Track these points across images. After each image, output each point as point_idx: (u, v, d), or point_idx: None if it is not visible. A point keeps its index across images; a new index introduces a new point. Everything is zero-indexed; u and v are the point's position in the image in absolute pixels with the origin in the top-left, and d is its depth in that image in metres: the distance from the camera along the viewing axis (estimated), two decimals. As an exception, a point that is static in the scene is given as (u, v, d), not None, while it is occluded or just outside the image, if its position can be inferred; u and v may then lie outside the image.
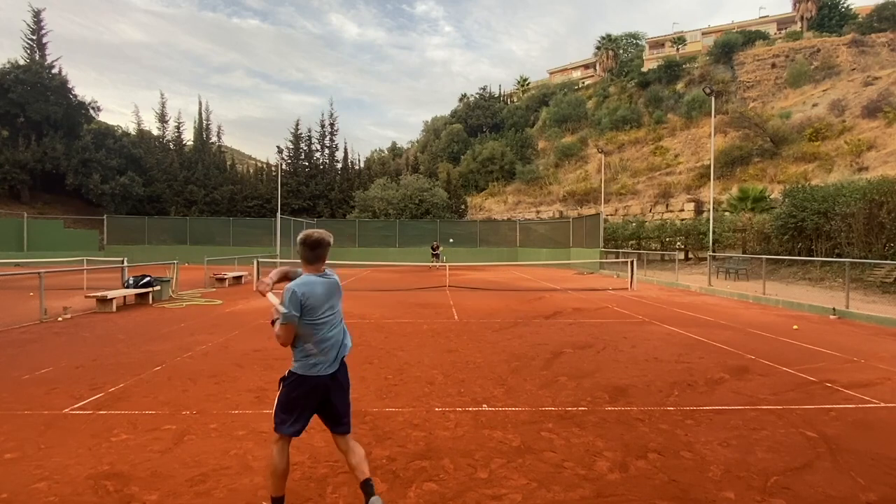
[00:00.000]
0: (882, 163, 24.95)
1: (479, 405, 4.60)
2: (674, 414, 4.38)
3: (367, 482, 2.70)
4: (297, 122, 45.16)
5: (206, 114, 44.30)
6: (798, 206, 16.99)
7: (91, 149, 36.88)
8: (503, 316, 10.04)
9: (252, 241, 29.82)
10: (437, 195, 35.74)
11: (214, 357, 6.42)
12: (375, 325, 8.90)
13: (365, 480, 2.71)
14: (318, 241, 2.74)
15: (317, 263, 2.77)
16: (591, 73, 65.94)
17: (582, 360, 6.31)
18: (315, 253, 2.75)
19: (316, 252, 2.75)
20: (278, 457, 2.66)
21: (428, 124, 69.16)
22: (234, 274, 16.75)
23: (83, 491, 2.98)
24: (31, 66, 36.02)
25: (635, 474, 3.24)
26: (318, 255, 2.76)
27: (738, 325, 8.98)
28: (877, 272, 13.46)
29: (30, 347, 6.93)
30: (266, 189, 41.55)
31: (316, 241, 2.73)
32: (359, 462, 2.75)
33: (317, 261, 2.76)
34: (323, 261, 2.80)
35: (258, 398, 4.76)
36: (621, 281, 17.83)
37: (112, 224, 30.87)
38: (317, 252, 2.75)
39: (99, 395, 4.82)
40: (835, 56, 40.99)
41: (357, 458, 2.76)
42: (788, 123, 33.69)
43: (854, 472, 3.28)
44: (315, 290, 2.67)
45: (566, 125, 51.89)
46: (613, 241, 25.63)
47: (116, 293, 10.80)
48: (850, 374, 5.74)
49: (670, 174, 36.05)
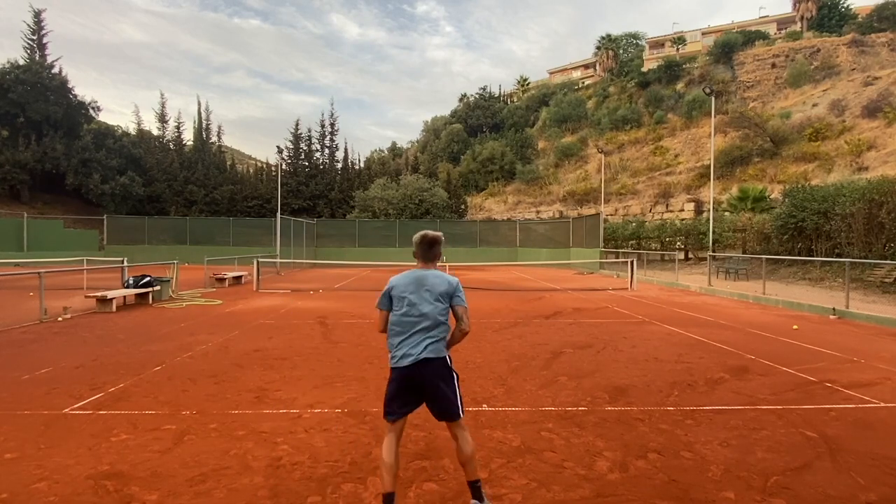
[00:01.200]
0: (882, 163, 24.95)
1: (479, 405, 4.59)
2: (674, 414, 4.38)
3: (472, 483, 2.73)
4: (296, 122, 45.16)
5: (206, 114, 44.35)
6: (798, 206, 16.99)
7: (91, 149, 36.88)
8: (503, 316, 10.04)
9: (252, 241, 29.81)
10: (437, 195, 35.74)
11: (214, 357, 6.42)
12: (375, 325, 8.90)
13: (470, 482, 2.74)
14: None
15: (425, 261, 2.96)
16: (591, 73, 65.96)
17: (582, 360, 6.31)
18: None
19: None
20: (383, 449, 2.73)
21: (428, 124, 69.16)
22: (234, 274, 16.75)
23: (83, 491, 2.98)
24: (31, 66, 36.02)
25: (635, 474, 3.24)
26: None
27: (738, 325, 8.98)
28: (877, 272, 13.46)
29: (30, 347, 6.93)
30: (266, 189, 41.54)
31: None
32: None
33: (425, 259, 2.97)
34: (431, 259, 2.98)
35: (258, 398, 4.76)
36: (621, 281, 17.83)
37: (112, 224, 30.86)
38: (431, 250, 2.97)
39: (99, 395, 4.82)
40: (835, 56, 40.99)
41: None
42: (788, 123, 33.70)
43: (854, 472, 3.28)
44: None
45: (566, 125, 51.91)
46: (613, 241, 25.63)
47: (116, 293, 10.80)
48: (850, 374, 5.74)
49: (670, 174, 36.06)
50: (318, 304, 11.98)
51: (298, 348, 6.97)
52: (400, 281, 2.87)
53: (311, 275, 21.60)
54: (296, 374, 5.64)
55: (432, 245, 2.94)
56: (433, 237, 2.94)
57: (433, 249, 2.95)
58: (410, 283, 2.85)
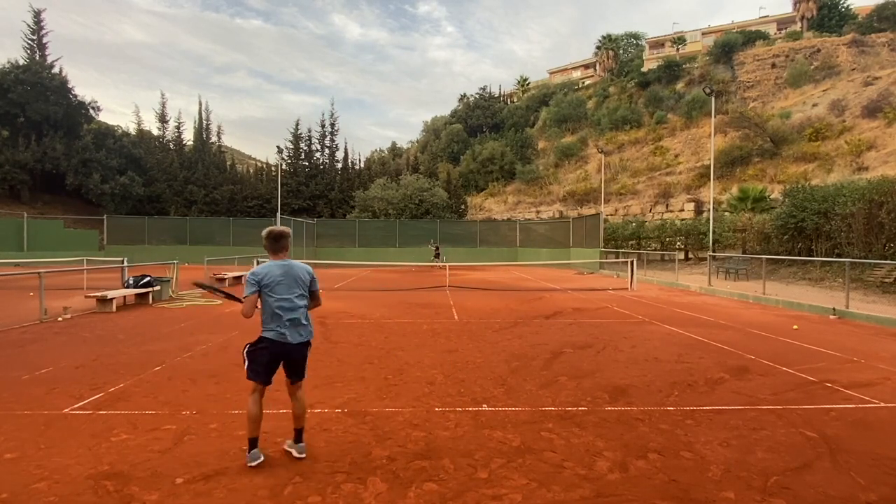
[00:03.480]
0: (882, 163, 24.95)
1: (479, 405, 4.60)
2: (674, 414, 4.38)
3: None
4: (297, 122, 45.18)
5: (207, 114, 44.35)
6: (798, 206, 16.99)
7: (91, 149, 36.88)
8: (503, 316, 10.04)
9: (252, 241, 29.68)
10: (437, 195, 35.73)
11: (214, 357, 6.43)
12: (375, 325, 8.90)
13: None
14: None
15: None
16: (591, 73, 65.95)
17: (582, 360, 6.31)
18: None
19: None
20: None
21: (428, 124, 69.20)
22: (234, 274, 16.75)
23: (83, 491, 2.98)
24: (31, 66, 36.02)
25: (635, 474, 3.24)
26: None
27: (738, 325, 8.97)
28: (877, 272, 13.45)
29: (30, 347, 6.93)
30: (266, 189, 41.54)
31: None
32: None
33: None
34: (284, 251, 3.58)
35: (258, 398, 4.76)
36: (621, 281, 17.82)
37: (112, 224, 30.85)
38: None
39: (99, 395, 4.82)
40: (835, 56, 40.99)
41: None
42: (788, 123, 33.69)
43: (854, 472, 3.28)
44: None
45: (566, 125, 51.90)
46: (613, 241, 25.63)
47: (116, 293, 10.80)
48: (850, 374, 5.74)
49: (670, 174, 36.06)
50: (318, 304, 11.96)
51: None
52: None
53: (311, 275, 21.54)
54: (296, 374, 5.64)
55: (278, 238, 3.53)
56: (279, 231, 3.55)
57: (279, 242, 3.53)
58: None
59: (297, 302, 3.43)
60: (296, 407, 3.50)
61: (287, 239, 3.55)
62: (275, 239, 3.49)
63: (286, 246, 3.54)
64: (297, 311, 3.42)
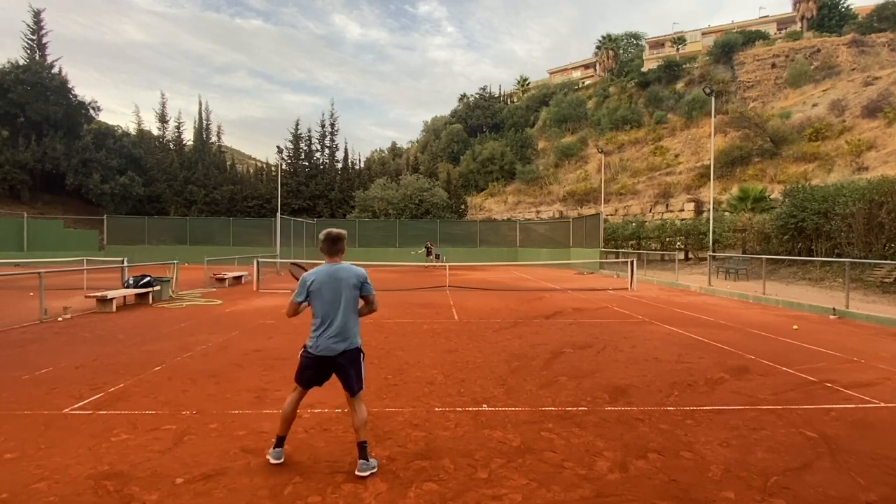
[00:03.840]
0: (882, 163, 24.95)
1: (479, 405, 4.60)
2: (674, 414, 4.38)
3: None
4: (297, 122, 45.15)
5: (206, 114, 44.31)
6: (798, 206, 16.99)
7: (91, 149, 36.87)
8: (503, 316, 10.04)
9: (252, 241, 29.80)
10: (437, 195, 35.73)
11: (214, 357, 6.43)
12: (375, 325, 8.90)
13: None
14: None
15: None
16: (591, 73, 65.93)
17: (582, 360, 6.31)
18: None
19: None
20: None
21: (428, 124, 69.18)
22: (234, 274, 16.75)
23: (83, 491, 2.98)
24: (31, 66, 35.99)
25: (635, 474, 3.24)
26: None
27: (738, 325, 8.97)
28: (877, 272, 13.45)
29: (30, 347, 6.93)
30: (266, 189, 41.52)
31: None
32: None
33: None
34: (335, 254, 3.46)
35: (258, 398, 4.76)
36: (621, 281, 17.82)
37: (112, 224, 30.85)
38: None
39: (99, 395, 4.82)
40: (835, 56, 40.98)
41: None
42: (788, 123, 33.68)
43: (854, 472, 3.28)
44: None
45: (566, 125, 51.88)
46: (613, 241, 25.63)
47: (116, 293, 10.80)
48: (850, 374, 5.74)
49: (670, 174, 36.05)
50: (318, 304, 11.96)
51: (298, 348, 6.94)
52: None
53: (311, 275, 21.54)
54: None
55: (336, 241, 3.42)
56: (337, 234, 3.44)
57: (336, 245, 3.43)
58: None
59: (337, 309, 3.27)
60: (353, 418, 3.30)
61: (343, 241, 3.44)
62: (332, 241, 3.39)
63: (342, 249, 3.43)
64: (335, 320, 3.26)
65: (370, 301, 3.41)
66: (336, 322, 3.26)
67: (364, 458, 3.20)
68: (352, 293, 3.31)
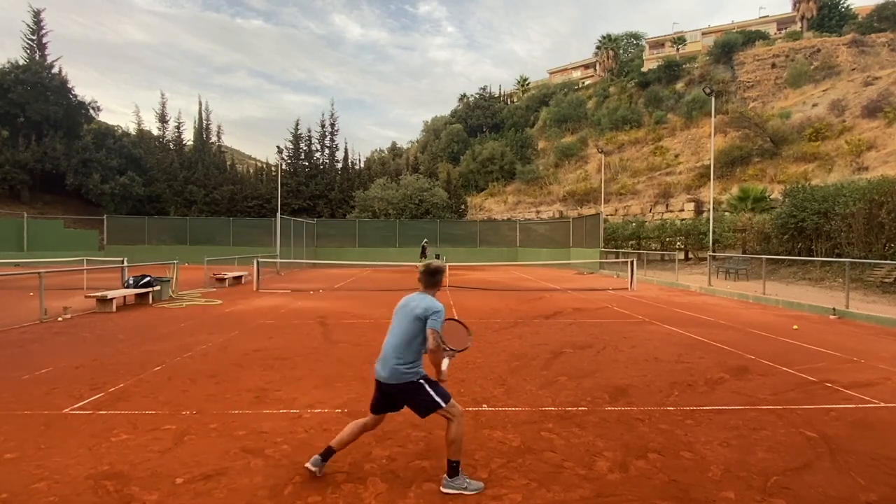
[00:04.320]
0: (882, 163, 24.95)
1: (479, 405, 4.59)
2: (674, 414, 4.38)
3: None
4: (297, 122, 45.15)
5: (207, 114, 44.31)
6: (798, 206, 16.99)
7: (91, 149, 36.87)
8: (503, 316, 10.03)
9: (252, 241, 29.79)
10: (437, 195, 35.74)
11: (214, 357, 6.42)
12: (375, 325, 8.90)
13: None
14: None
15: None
16: (591, 73, 65.94)
17: (582, 360, 6.31)
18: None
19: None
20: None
21: (428, 124, 69.18)
22: (234, 274, 16.75)
23: (83, 491, 2.98)
24: (31, 66, 36.00)
25: (635, 474, 3.24)
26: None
27: (738, 325, 8.97)
28: (877, 272, 13.45)
29: (30, 347, 6.93)
30: (266, 189, 41.53)
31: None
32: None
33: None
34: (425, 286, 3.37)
35: (258, 398, 4.76)
36: (621, 281, 17.82)
37: (112, 224, 30.85)
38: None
39: (99, 395, 4.82)
40: (835, 56, 40.98)
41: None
42: (788, 123, 33.68)
43: (854, 472, 3.28)
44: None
45: (566, 125, 51.88)
46: (613, 241, 25.63)
47: (116, 293, 10.80)
48: (850, 374, 5.73)
49: (670, 174, 36.05)
50: (318, 304, 11.98)
51: (298, 348, 6.97)
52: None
53: (311, 275, 21.59)
54: (296, 374, 5.64)
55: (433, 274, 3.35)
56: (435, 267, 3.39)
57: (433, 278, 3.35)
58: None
59: (393, 337, 3.19)
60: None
61: (439, 276, 3.35)
62: (430, 274, 3.32)
63: (437, 283, 3.34)
64: (389, 347, 3.17)
65: (428, 336, 3.08)
66: (386, 347, 3.19)
67: (449, 474, 3.03)
68: (412, 324, 3.13)
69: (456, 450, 3.03)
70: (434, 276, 3.32)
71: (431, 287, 3.32)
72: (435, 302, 3.18)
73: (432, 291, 3.31)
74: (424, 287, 3.32)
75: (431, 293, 3.30)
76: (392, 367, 3.09)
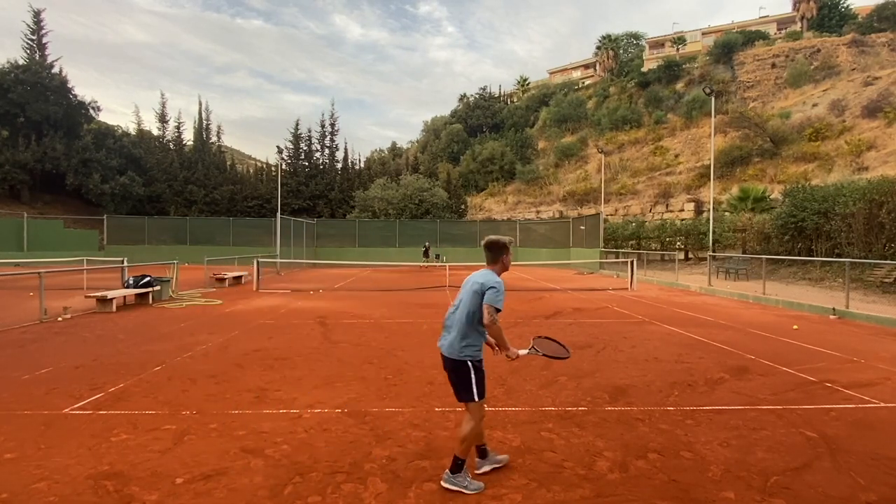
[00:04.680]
0: (882, 163, 24.94)
1: (479, 405, 4.59)
2: (674, 414, 4.38)
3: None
4: (297, 122, 45.14)
5: (207, 114, 44.26)
6: (798, 206, 16.99)
7: (91, 149, 36.86)
8: (503, 316, 10.00)
9: (252, 241, 29.80)
10: (437, 195, 35.73)
11: (214, 357, 6.42)
12: (375, 325, 8.90)
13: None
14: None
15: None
16: (591, 73, 65.92)
17: (582, 360, 6.31)
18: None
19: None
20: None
21: (428, 124, 69.17)
22: (234, 274, 16.75)
23: (83, 491, 2.98)
24: (31, 66, 35.98)
25: (635, 474, 3.24)
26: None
27: (738, 325, 8.97)
28: (877, 272, 13.45)
29: (30, 347, 6.93)
30: (266, 189, 41.53)
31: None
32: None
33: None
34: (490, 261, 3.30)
35: (258, 398, 4.76)
36: (621, 281, 17.82)
37: (112, 224, 30.85)
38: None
39: (99, 395, 4.82)
40: (835, 56, 40.97)
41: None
42: (788, 123, 33.68)
43: (854, 472, 3.28)
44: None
45: (566, 125, 51.87)
46: (613, 241, 25.63)
47: (116, 293, 10.80)
48: (850, 374, 5.73)
49: (670, 174, 36.05)
50: (318, 304, 11.98)
51: (298, 348, 6.97)
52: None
53: (311, 275, 21.59)
54: (296, 374, 5.64)
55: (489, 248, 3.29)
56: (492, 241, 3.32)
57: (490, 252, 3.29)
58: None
59: (455, 312, 3.25)
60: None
61: (497, 249, 3.26)
62: (486, 248, 3.30)
63: (495, 258, 3.26)
64: (450, 321, 3.27)
65: (484, 311, 3.08)
66: (447, 321, 3.29)
67: (451, 470, 3.05)
68: (471, 298, 3.13)
69: (465, 448, 3.06)
70: (490, 250, 3.27)
71: (492, 263, 3.27)
72: (494, 276, 3.17)
73: (495, 268, 3.26)
74: (487, 263, 3.30)
75: (495, 270, 3.25)
76: (450, 341, 3.21)
